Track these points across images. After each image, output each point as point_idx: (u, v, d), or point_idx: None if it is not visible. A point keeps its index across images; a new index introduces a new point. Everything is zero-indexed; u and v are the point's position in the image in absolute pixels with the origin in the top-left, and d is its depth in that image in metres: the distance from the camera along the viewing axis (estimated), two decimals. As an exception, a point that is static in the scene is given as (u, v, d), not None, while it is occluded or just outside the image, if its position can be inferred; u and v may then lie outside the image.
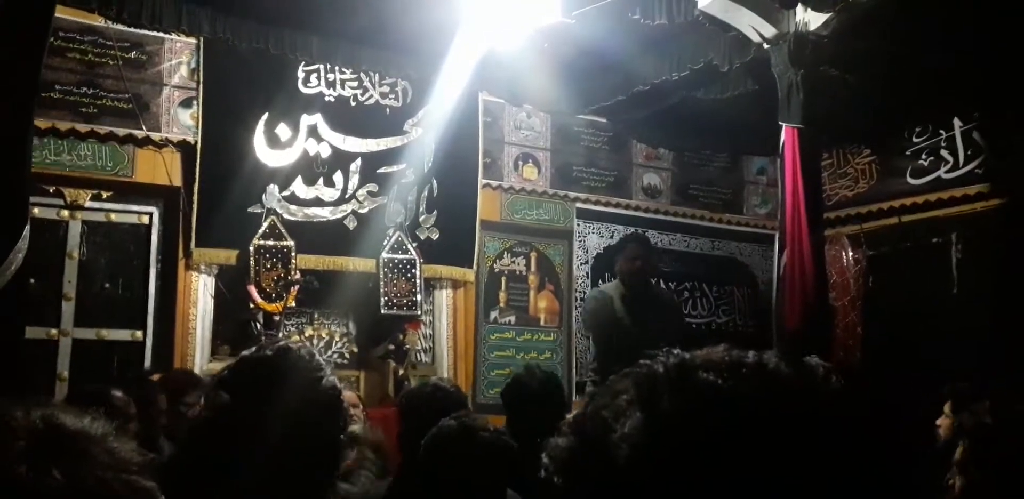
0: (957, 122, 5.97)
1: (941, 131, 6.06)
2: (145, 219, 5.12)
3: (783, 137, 4.44)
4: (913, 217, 6.20)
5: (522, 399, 2.82)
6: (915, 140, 6.22)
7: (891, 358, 5.87)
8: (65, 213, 4.90)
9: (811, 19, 4.45)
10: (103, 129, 4.83)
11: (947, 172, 6.02)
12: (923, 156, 6.16)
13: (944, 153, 6.05)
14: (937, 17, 4.56)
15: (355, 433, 3.54)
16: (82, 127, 4.77)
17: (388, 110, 5.66)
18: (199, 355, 5.03)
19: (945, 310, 5.74)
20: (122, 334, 4.97)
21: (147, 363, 4.93)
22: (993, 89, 5.49)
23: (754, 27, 4.53)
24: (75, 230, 4.93)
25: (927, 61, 5.04)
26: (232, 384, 1.37)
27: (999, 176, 5.72)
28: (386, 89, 5.66)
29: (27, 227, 2.75)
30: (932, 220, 6.06)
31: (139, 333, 5.00)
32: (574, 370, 6.05)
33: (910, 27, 4.63)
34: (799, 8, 4.44)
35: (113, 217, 5.04)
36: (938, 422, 3.33)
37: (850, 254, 6.55)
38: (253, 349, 1.46)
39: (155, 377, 3.98)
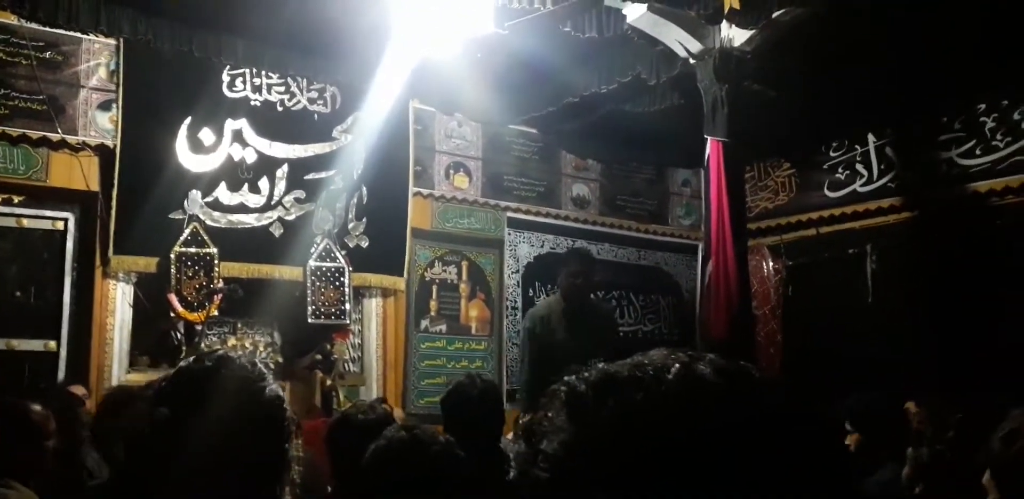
0: (871, 137, 6.22)
1: (857, 146, 6.31)
2: (60, 225, 4.92)
3: (708, 150, 4.55)
4: (831, 229, 6.43)
5: (462, 407, 2.81)
6: (832, 154, 6.46)
7: (809, 364, 6.06)
8: (-28, 218, 4.68)
9: (735, 36, 4.58)
10: (15, 131, 4.63)
11: (862, 185, 6.27)
12: (840, 170, 6.40)
13: (859, 167, 6.30)
14: (853, 37, 4.76)
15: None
16: (-8, 128, 4.57)
17: (316, 116, 5.58)
18: (116, 366, 4.85)
19: (860, 318, 5.96)
20: (34, 344, 4.76)
21: (61, 375, 4.73)
22: (904, 107, 5.75)
23: (681, 42, 4.64)
24: (-17, 236, 4.71)
25: (844, 79, 5.25)
26: (171, 396, 1.32)
27: (910, 190, 5.99)
28: (314, 94, 5.58)
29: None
30: (848, 232, 6.30)
31: (52, 343, 4.79)
32: (505, 378, 6.05)
33: (828, 46, 4.82)
34: (724, 25, 4.57)
35: (25, 222, 4.83)
36: (848, 441, 3.33)
37: (770, 264, 6.75)
38: (191, 359, 1.41)
39: (76, 388, 3.81)
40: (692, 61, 4.64)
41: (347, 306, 5.44)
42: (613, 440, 0.62)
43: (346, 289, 5.44)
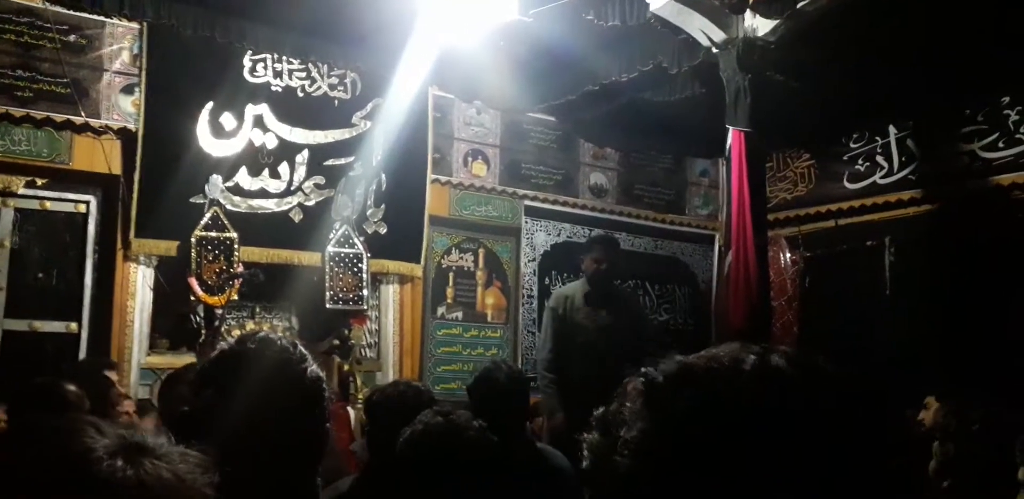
0: (892, 129, 6.18)
1: (877, 138, 6.27)
2: (82, 208, 4.96)
3: (730, 140, 4.52)
4: (849, 220, 6.40)
5: (491, 393, 2.84)
6: (852, 146, 6.42)
7: (825, 356, 6.03)
8: (-3, 200, 4.72)
9: (759, 25, 4.54)
10: (39, 114, 4.66)
11: (882, 177, 6.23)
12: (860, 161, 6.37)
13: (880, 159, 6.26)
14: (877, 28, 4.72)
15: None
16: (17, 111, 4.60)
17: (336, 102, 5.59)
18: (137, 349, 4.91)
19: (878, 311, 5.94)
20: (56, 326, 4.81)
21: (82, 356, 4.78)
22: (926, 98, 5.70)
23: (704, 31, 4.60)
24: (7, 218, 4.75)
25: (866, 70, 5.21)
26: (215, 378, 1.34)
27: (931, 182, 5.95)
28: (335, 80, 5.59)
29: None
30: (867, 224, 6.27)
31: (74, 325, 4.85)
32: (520, 365, 6.07)
33: (852, 37, 4.78)
34: (748, 14, 4.53)
35: (48, 205, 4.87)
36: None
37: (788, 255, 6.73)
38: (234, 341, 1.43)
39: (111, 373, 3.85)
40: (715, 51, 4.60)
41: (365, 292, 5.47)
42: (691, 428, 0.64)
43: (364, 275, 5.47)
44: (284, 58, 5.36)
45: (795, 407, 0.65)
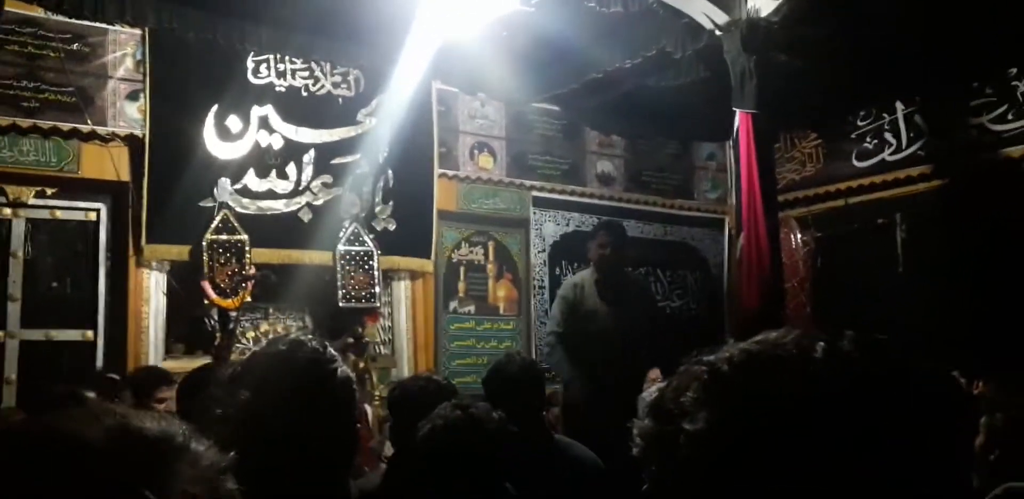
0: (899, 105, 6.13)
1: (884, 114, 6.22)
2: (92, 216, 4.98)
3: (737, 122, 4.51)
4: (859, 199, 6.36)
5: (505, 385, 2.84)
6: (860, 124, 6.37)
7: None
8: (8, 211, 4.74)
9: (762, 5, 4.52)
10: (46, 124, 4.67)
11: (891, 154, 6.19)
12: (868, 139, 6.32)
13: (888, 136, 6.21)
14: (880, 4, 4.68)
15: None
16: (24, 122, 4.61)
17: (340, 100, 5.58)
18: (153, 354, 4.92)
19: (891, 289, 5.91)
20: (72, 334, 4.83)
21: (99, 363, 4.81)
22: (933, 72, 5.66)
23: (706, 14, 4.59)
24: (19, 229, 4.77)
25: (871, 46, 5.17)
26: (249, 380, 1.35)
27: (940, 157, 5.91)
28: (338, 79, 5.58)
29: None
30: (877, 201, 6.23)
31: (90, 333, 4.87)
32: (534, 356, 6.07)
33: (855, 14, 4.75)
34: (750, -6, 4.51)
35: (59, 214, 4.89)
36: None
37: (798, 236, 6.70)
38: (265, 344, 1.44)
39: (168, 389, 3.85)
40: (718, 33, 4.58)
41: (377, 289, 5.48)
42: (762, 418, 0.62)
43: (375, 272, 5.47)
44: (287, 58, 5.36)
45: (869, 394, 0.63)
